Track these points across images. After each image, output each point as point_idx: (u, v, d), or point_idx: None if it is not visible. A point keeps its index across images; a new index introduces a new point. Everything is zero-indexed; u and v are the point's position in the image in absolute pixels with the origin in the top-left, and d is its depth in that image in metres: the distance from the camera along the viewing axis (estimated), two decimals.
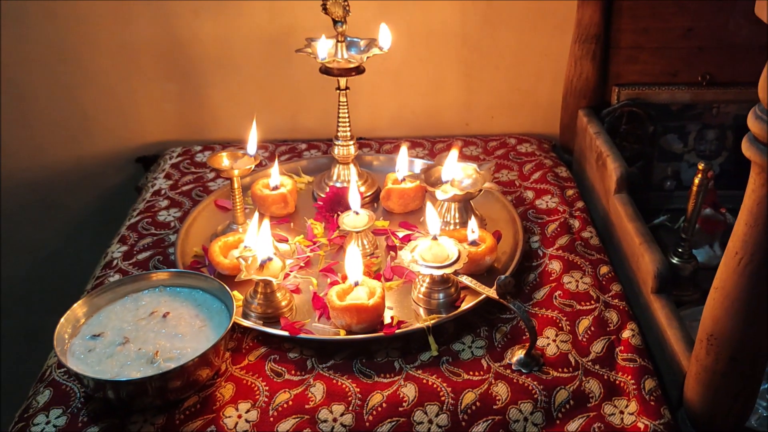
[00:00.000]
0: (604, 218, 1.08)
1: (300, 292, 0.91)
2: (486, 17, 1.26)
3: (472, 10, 1.25)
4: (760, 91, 0.56)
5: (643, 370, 0.77)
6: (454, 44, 1.28)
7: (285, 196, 1.06)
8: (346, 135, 1.08)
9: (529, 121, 1.35)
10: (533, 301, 0.89)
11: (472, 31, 1.27)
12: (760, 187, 0.60)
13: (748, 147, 0.59)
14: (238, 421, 0.72)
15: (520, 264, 0.95)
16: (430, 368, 0.79)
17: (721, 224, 1.12)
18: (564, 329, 0.83)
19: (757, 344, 0.66)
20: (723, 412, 0.70)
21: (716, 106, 1.24)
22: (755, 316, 0.64)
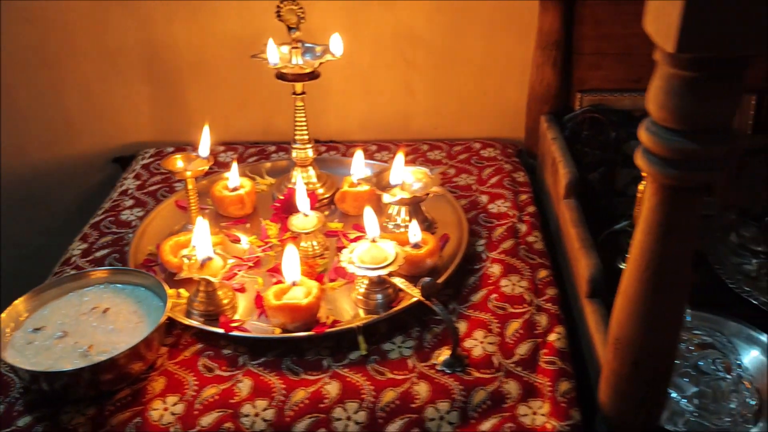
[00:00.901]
0: (555, 223, 1.09)
1: (245, 290, 0.94)
2: (452, 23, 1.27)
3: (438, 15, 1.27)
4: (647, 105, 0.58)
5: (561, 372, 0.78)
6: (422, 49, 1.30)
7: (242, 198, 1.09)
8: (303, 138, 1.11)
9: (496, 126, 1.37)
10: (469, 304, 0.91)
11: (439, 37, 1.29)
12: (652, 196, 0.61)
13: (640, 158, 0.60)
14: (163, 414, 0.75)
15: (462, 267, 0.97)
16: (357, 367, 0.81)
17: None
18: (493, 331, 0.85)
19: (658, 350, 0.67)
20: (631, 415, 0.71)
21: None
22: (655, 322, 0.65)
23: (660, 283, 0.63)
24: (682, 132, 0.56)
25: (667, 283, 0.63)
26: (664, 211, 0.60)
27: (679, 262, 0.63)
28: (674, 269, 0.63)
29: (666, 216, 0.60)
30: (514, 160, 1.26)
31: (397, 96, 1.36)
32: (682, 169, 0.57)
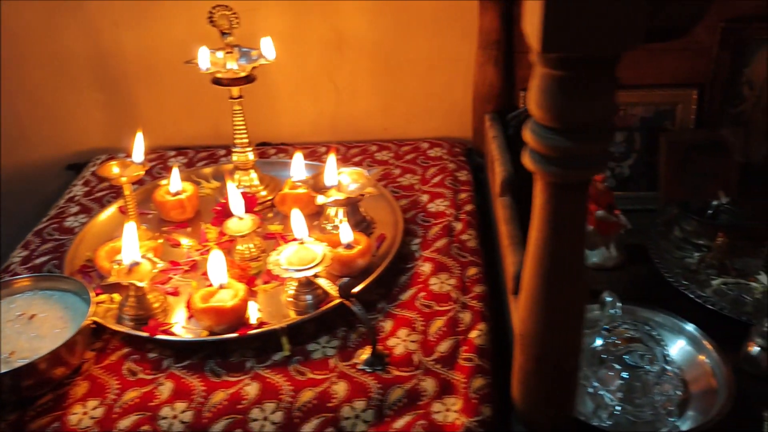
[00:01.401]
0: (493, 221, 1.10)
1: (179, 294, 0.95)
2: (395, 24, 1.28)
3: (381, 17, 1.28)
4: (528, 106, 0.58)
5: (477, 369, 0.79)
6: (367, 51, 1.31)
7: (183, 202, 1.10)
8: (243, 142, 1.12)
9: (444, 126, 1.38)
10: (397, 302, 0.91)
11: (383, 38, 1.30)
12: (540, 194, 0.62)
13: (526, 157, 0.61)
14: (82, 418, 0.76)
15: (395, 266, 0.98)
16: (279, 368, 0.82)
17: (614, 226, 1.14)
18: (417, 330, 0.86)
19: (559, 345, 0.68)
20: (540, 409, 0.72)
21: (623, 108, 1.25)
22: (554, 317, 0.66)
23: (554, 278, 0.64)
24: (559, 130, 0.57)
25: (561, 278, 0.64)
26: (551, 208, 0.61)
27: (570, 258, 0.64)
28: (567, 265, 0.64)
29: (553, 213, 0.61)
30: (459, 159, 1.26)
31: (346, 98, 1.37)
32: (562, 167, 0.58)
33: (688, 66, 1.22)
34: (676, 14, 0.51)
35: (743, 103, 1.23)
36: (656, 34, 0.53)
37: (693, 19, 0.52)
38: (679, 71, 1.23)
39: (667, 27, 0.52)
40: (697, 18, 0.52)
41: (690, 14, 0.51)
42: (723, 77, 1.20)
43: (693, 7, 0.51)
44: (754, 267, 1.12)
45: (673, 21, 0.52)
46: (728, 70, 1.20)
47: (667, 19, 0.52)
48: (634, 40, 0.51)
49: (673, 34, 0.53)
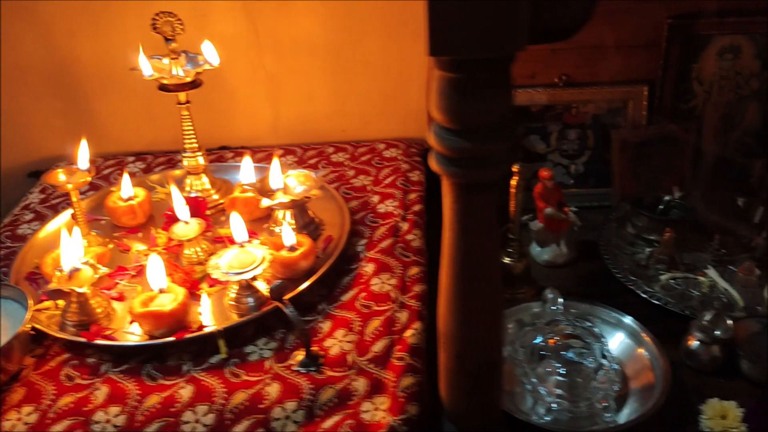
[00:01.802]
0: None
1: (124, 299, 0.96)
2: (347, 27, 1.29)
3: (332, 20, 1.28)
4: (429, 109, 0.59)
5: (408, 368, 0.80)
6: (321, 54, 1.32)
7: (133, 208, 1.11)
8: (193, 147, 1.13)
9: (401, 126, 1.38)
10: (338, 303, 0.92)
11: (336, 41, 1.30)
12: (447, 194, 0.62)
13: (432, 159, 0.61)
14: (16, 424, 0.77)
15: (339, 267, 0.98)
16: (215, 370, 0.83)
17: (564, 223, 1.15)
18: (354, 330, 0.87)
19: (478, 343, 0.69)
20: (464, 406, 0.73)
21: (575, 106, 1.26)
22: (470, 316, 0.67)
23: (467, 278, 0.65)
24: (458, 132, 0.57)
25: (474, 277, 0.65)
26: (458, 209, 0.62)
27: (482, 257, 0.64)
28: (479, 264, 0.64)
29: (461, 213, 0.62)
30: (414, 160, 1.27)
31: (302, 100, 1.37)
32: (464, 168, 0.59)
33: (638, 63, 1.23)
34: (561, 16, 0.52)
35: (694, 98, 1.24)
36: (544, 35, 0.54)
37: (579, 21, 0.53)
38: (629, 68, 1.23)
39: (554, 28, 0.53)
40: (583, 19, 0.53)
41: (575, 16, 0.52)
42: (672, 73, 1.21)
43: (577, 9, 0.52)
44: (704, 261, 1.13)
45: (558, 23, 0.52)
46: (677, 67, 1.21)
47: (552, 21, 0.52)
48: (518, 42, 0.52)
49: (561, 35, 0.54)
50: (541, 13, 0.52)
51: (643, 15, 1.18)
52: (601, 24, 1.20)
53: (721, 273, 1.10)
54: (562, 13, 0.52)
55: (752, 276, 1.06)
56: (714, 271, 1.10)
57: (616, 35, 1.21)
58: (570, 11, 0.52)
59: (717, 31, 1.18)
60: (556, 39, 0.54)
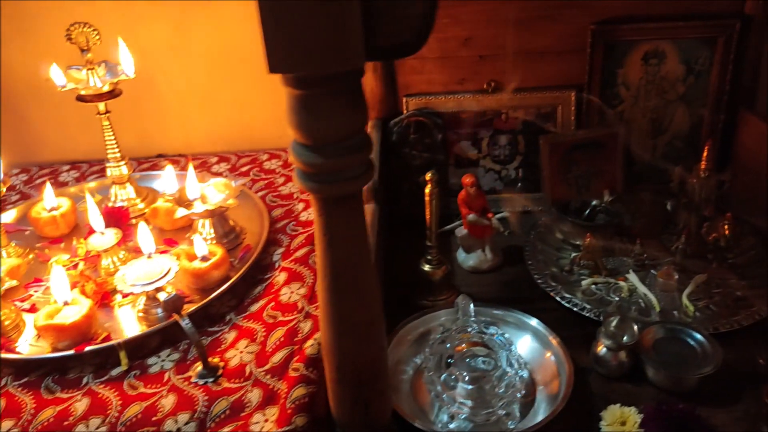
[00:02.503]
0: None
1: (36, 311, 0.96)
2: None
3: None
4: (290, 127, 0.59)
5: (301, 378, 0.80)
6: (253, 63, 1.32)
7: (55, 219, 1.11)
8: (116, 156, 1.13)
9: None
10: (246, 314, 0.92)
11: None
12: (313, 208, 0.63)
13: (295, 174, 0.61)
14: None
15: (253, 277, 0.98)
16: (114, 383, 0.83)
17: (488, 229, 1.15)
18: (257, 341, 0.87)
19: (355, 354, 0.69)
20: (348, 417, 0.73)
21: (505, 112, 1.27)
22: (345, 327, 0.67)
23: (338, 289, 0.65)
24: (311, 147, 0.58)
25: (346, 288, 0.65)
26: (323, 222, 0.62)
27: (351, 269, 0.65)
28: (348, 276, 0.65)
29: (326, 226, 0.62)
30: None
31: (237, 108, 1.38)
32: (321, 182, 0.59)
33: (565, 68, 1.23)
34: (395, 33, 0.52)
35: (622, 103, 1.25)
36: (383, 51, 0.54)
37: (415, 37, 0.53)
38: (557, 74, 1.24)
39: (392, 44, 0.53)
40: (419, 36, 0.53)
41: (409, 33, 0.52)
42: (598, 79, 1.22)
43: (410, 27, 0.52)
44: (627, 266, 1.14)
45: (394, 39, 0.53)
46: (602, 72, 1.21)
47: (388, 38, 0.53)
48: (354, 58, 0.52)
49: (401, 51, 0.54)
50: (375, 30, 0.52)
51: (567, 21, 1.19)
52: (527, 30, 1.21)
53: (643, 278, 1.11)
54: (396, 30, 0.52)
55: (671, 280, 1.06)
56: (634, 275, 1.10)
57: (543, 41, 1.21)
58: (403, 29, 0.52)
59: (640, 36, 1.18)
60: (396, 55, 0.55)
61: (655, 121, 1.26)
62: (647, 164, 1.29)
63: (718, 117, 1.23)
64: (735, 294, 1.05)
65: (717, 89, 1.21)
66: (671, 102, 1.24)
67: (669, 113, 1.25)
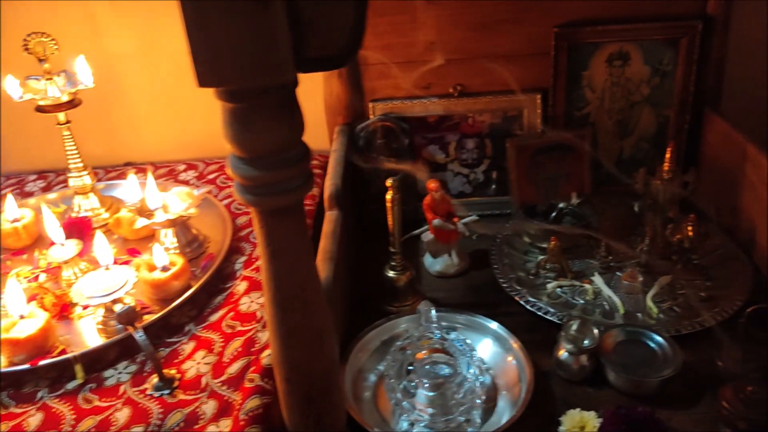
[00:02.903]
0: None
1: None
2: None
3: None
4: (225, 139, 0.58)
5: (256, 389, 0.79)
6: None
7: (17, 230, 1.10)
8: (78, 167, 1.12)
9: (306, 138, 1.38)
10: (206, 324, 0.92)
11: None
12: (254, 221, 0.62)
13: (234, 190, 0.61)
14: None
15: (214, 286, 0.98)
16: (69, 396, 0.82)
17: (453, 233, 1.15)
18: (215, 351, 0.87)
19: (303, 366, 0.69)
20: (301, 429, 0.72)
21: (471, 116, 1.27)
22: (291, 339, 0.67)
23: (282, 301, 0.65)
24: (247, 160, 0.57)
25: (290, 300, 0.65)
26: (265, 234, 0.62)
27: (295, 280, 0.64)
28: (293, 287, 0.64)
29: (267, 238, 0.62)
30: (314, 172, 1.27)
31: (206, 115, 1.36)
32: (258, 195, 0.59)
33: (531, 71, 1.23)
34: (326, 46, 0.52)
35: (587, 105, 1.25)
36: (315, 63, 0.54)
37: (346, 49, 0.53)
38: (523, 77, 1.24)
39: (324, 56, 0.53)
40: (351, 47, 0.53)
41: (340, 45, 0.52)
42: (563, 81, 1.22)
43: (341, 39, 0.52)
44: (593, 269, 1.14)
45: (325, 51, 0.53)
46: (567, 74, 1.21)
47: (318, 50, 0.52)
48: (283, 71, 0.52)
49: (333, 62, 0.54)
50: (304, 42, 0.51)
51: (531, 24, 1.19)
52: (491, 34, 1.21)
53: (608, 280, 1.11)
54: (326, 42, 0.52)
55: (636, 282, 1.06)
56: (599, 278, 1.10)
57: (507, 45, 1.22)
58: (333, 41, 0.52)
59: (603, 38, 1.18)
60: (328, 66, 0.54)
61: (621, 122, 1.26)
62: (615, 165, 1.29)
63: (683, 118, 1.23)
64: (699, 295, 1.06)
65: (682, 90, 1.21)
66: (637, 103, 1.24)
67: (635, 115, 1.25)
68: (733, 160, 1.13)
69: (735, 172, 1.13)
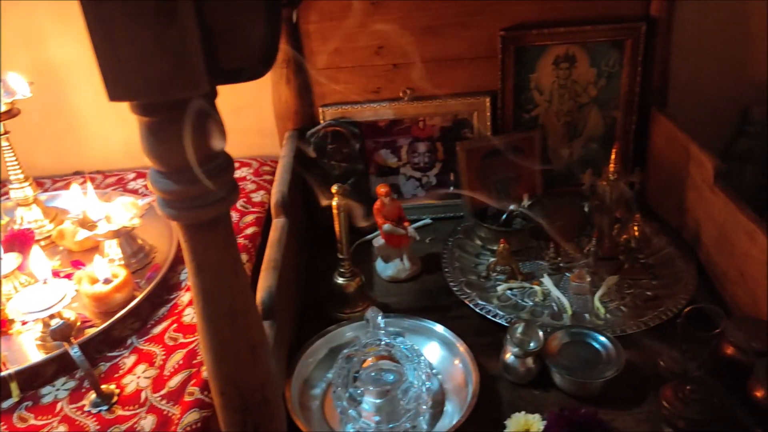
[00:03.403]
0: None
1: None
2: None
3: None
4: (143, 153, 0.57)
5: (195, 403, 0.78)
6: None
7: None
8: (19, 178, 1.09)
9: (256, 144, 1.37)
10: (148, 336, 0.91)
11: None
12: (180, 234, 0.61)
13: (156, 205, 0.60)
14: None
15: (159, 297, 0.97)
16: (4, 416, 0.80)
17: (404, 238, 1.15)
18: (156, 365, 0.85)
19: (236, 380, 0.68)
20: None
21: (422, 119, 1.27)
22: (222, 353, 0.66)
23: (211, 314, 0.64)
24: (166, 174, 0.56)
25: (218, 313, 0.64)
26: (190, 248, 0.61)
27: (225, 294, 0.63)
28: (221, 300, 0.63)
29: (192, 252, 0.61)
30: (263, 179, 1.26)
31: None
32: (179, 209, 0.57)
33: (479, 75, 1.24)
34: (238, 59, 0.52)
35: (536, 107, 1.26)
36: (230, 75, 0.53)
37: (263, 61, 0.52)
38: (472, 80, 1.24)
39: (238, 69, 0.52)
40: (265, 60, 0.52)
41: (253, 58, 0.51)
42: (511, 84, 1.23)
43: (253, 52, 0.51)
44: (543, 270, 1.15)
45: (238, 64, 0.52)
46: (515, 77, 1.22)
47: (231, 63, 0.52)
48: (196, 84, 0.51)
49: (249, 74, 0.53)
50: (217, 55, 0.51)
51: (478, 28, 1.20)
52: (439, 38, 1.21)
53: (557, 281, 1.11)
54: (240, 54, 0.51)
55: (584, 283, 1.07)
56: (548, 279, 1.11)
57: (456, 48, 1.22)
58: (246, 52, 0.51)
59: (549, 41, 1.19)
60: (243, 78, 0.53)
61: (569, 124, 1.27)
62: (565, 167, 1.30)
63: (630, 118, 1.25)
64: (646, 294, 1.07)
65: (628, 91, 1.22)
66: (584, 105, 1.25)
67: (583, 116, 1.26)
68: (678, 159, 1.14)
69: (680, 171, 1.14)
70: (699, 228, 1.11)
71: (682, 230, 1.16)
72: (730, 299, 1.01)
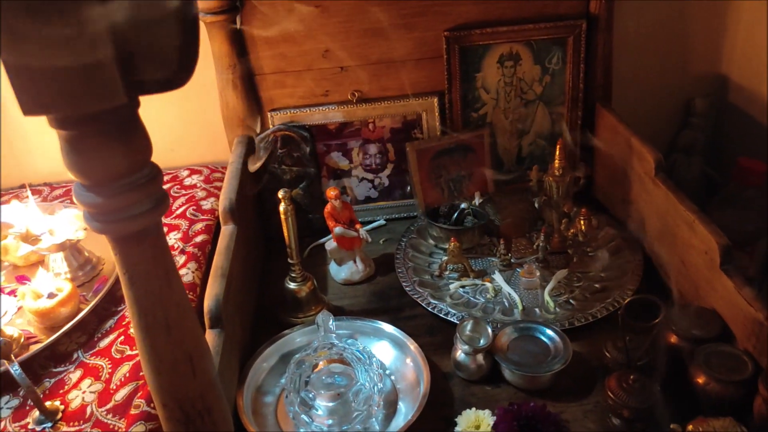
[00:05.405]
0: None
1: None
2: None
3: None
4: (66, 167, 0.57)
5: (141, 416, 0.78)
6: None
7: None
8: None
9: (209, 151, 1.36)
10: (95, 350, 0.89)
11: None
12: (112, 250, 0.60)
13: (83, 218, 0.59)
14: None
15: (107, 309, 0.96)
16: None
17: (356, 240, 1.15)
18: (102, 378, 0.84)
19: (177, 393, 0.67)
20: None
21: (371, 121, 1.27)
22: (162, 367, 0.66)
23: (149, 328, 0.63)
24: (88, 187, 0.56)
25: (155, 327, 0.63)
26: (120, 260, 0.60)
27: (159, 306, 0.63)
28: (157, 313, 0.63)
29: (122, 264, 0.60)
30: (214, 186, 1.25)
31: None
32: (103, 222, 0.57)
33: (426, 75, 1.25)
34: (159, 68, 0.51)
35: (484, 106, 1.27)
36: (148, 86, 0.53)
37: (180, 71, 0.52)
38: (419, 81, 1.25)
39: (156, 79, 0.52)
40: (184, 70, 0.52)
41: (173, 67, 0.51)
42: (458, 83, 1.24)
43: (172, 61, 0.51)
44: (495, 267, 1.16)
45: (158, 74, 0.52)
46: (461, 77, 1.23)
47: (150, 73, 0.51)
48: (112, 96, 0.51)
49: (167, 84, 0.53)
50: (133, 65, 0.50)
51: (423, 29, 1.20)
52: (384, 39, 1.21)
53: (508, 277, 1.13)
54: (156, 65, 0.51)
55: (534, 278, 1.08)
56: (499, 275, 1.12)
57: (401, 50, 1.22)
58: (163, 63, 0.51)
59: (493, 40, 1.21)
60: (162, 89, 0.53)
61: (517, 122, 1.29)
62: (515, 163, 1.32)
63: (576, 114, 1.27)
64: (594, 287, 1.09)
65: (572, 87, 1.24)
66: (531, 102, 1.27)
67: (530, 113, 1.28)
68: (622, 152, 1.17)
69: (624, 165, 1.17)
70: (643, 220, 1.13)
71: (628, 222, 1.18)
72: (674, 288, 1.03)
